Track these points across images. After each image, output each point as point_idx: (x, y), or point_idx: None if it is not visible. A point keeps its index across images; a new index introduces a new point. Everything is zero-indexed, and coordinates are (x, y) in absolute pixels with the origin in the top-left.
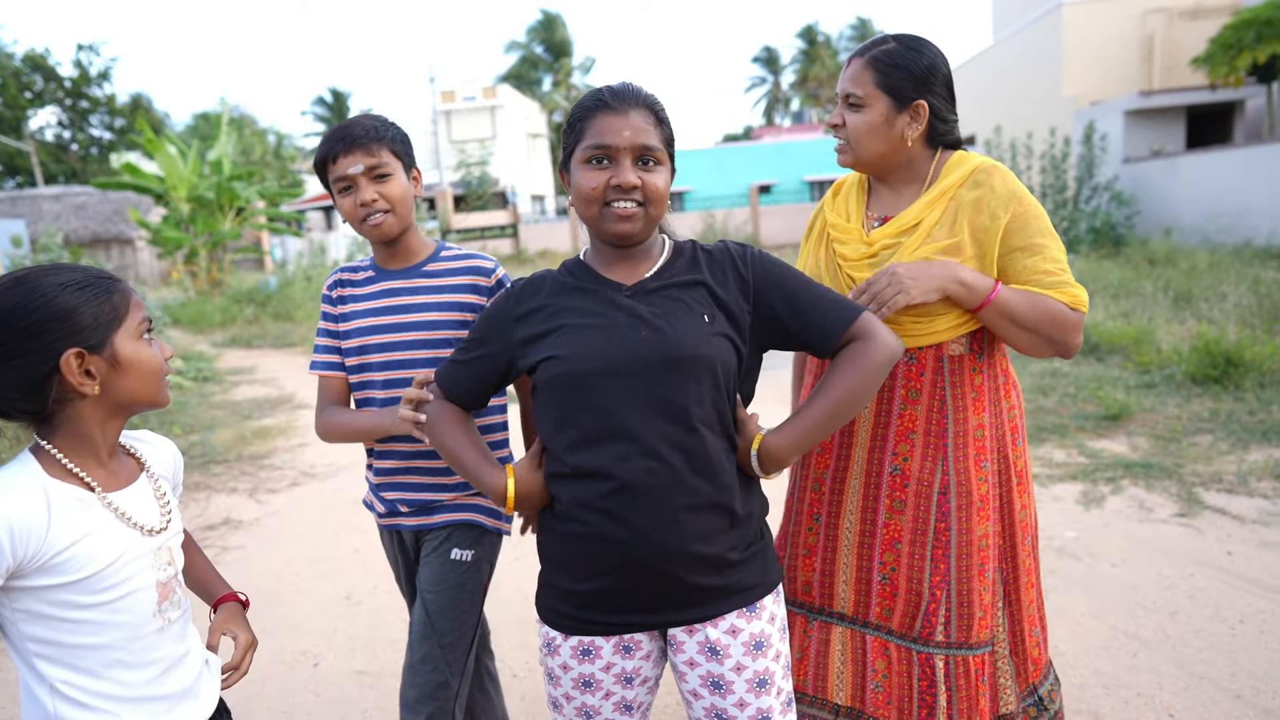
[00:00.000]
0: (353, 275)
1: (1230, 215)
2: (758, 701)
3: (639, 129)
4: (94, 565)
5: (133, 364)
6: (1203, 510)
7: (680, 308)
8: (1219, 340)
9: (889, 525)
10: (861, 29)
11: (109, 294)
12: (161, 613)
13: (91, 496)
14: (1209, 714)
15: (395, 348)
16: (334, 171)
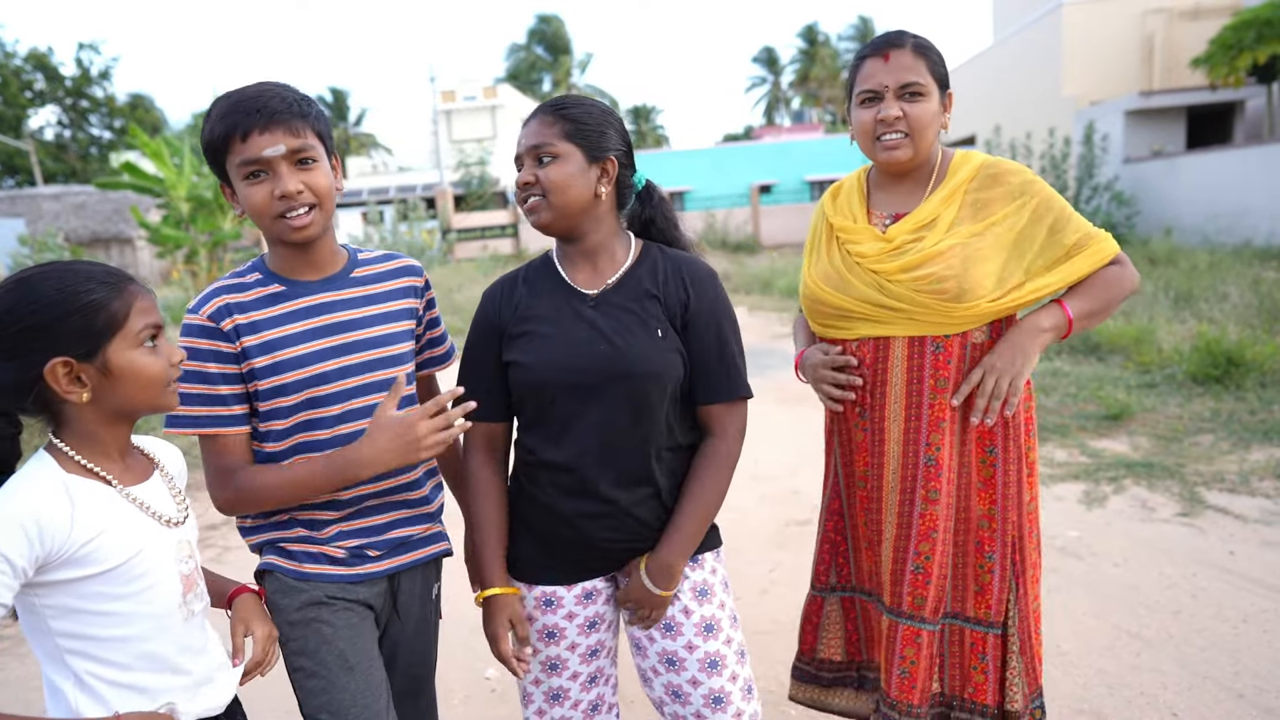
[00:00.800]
0: (240, 296)
1: (1230, 215)
2: (705, 645)
3: (535, 132)
4: (119, 556)
5: (126, 374)
6: (1205, 510)
7: (635, 322)
8: (1220, 340)
9: (925, 516)
10: (863, 28)
11: (108, 301)
12: (186, 604)
13: (110, 490)
14: (1212, 713)
15: (349, 373)
16: (241, 152)
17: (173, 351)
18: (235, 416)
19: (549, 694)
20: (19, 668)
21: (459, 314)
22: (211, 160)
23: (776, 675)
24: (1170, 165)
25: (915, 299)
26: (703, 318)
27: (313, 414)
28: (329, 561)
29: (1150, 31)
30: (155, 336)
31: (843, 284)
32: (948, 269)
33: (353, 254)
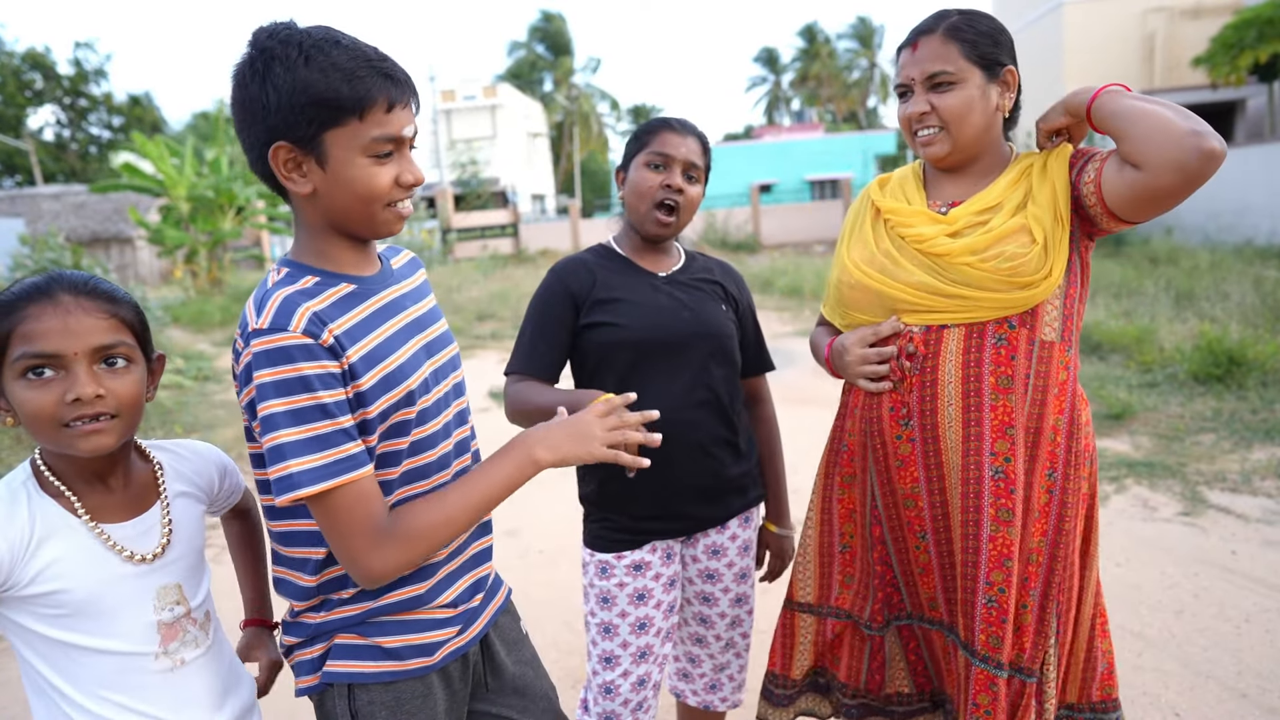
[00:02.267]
0: (320, 302)
1: (1231, 214)
2: (738, 588)
3: (692, 149)
4: (75, 593)
5: (18, 408)
6: (1206, 509)
7: (706, 298)
8: (1222, 339)
9: (995, 540)
10: (862, 28)
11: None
12: (168, 653)
13: (76, 521)
14: (1214, 713)
15: (441, 377)
16: (381, 124)
17: (81, 386)
18: (365, 452)
19: (637, 653)
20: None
21: (459, 313)
22: (327, 119)
23: None
24: None
25: (982, 281)
26: (745, 308)
27: (421, 432)
28: (438, 626)
29: (1151, 30)
30: (40, 369)
31: (892, 268)
32: (1020, 247)
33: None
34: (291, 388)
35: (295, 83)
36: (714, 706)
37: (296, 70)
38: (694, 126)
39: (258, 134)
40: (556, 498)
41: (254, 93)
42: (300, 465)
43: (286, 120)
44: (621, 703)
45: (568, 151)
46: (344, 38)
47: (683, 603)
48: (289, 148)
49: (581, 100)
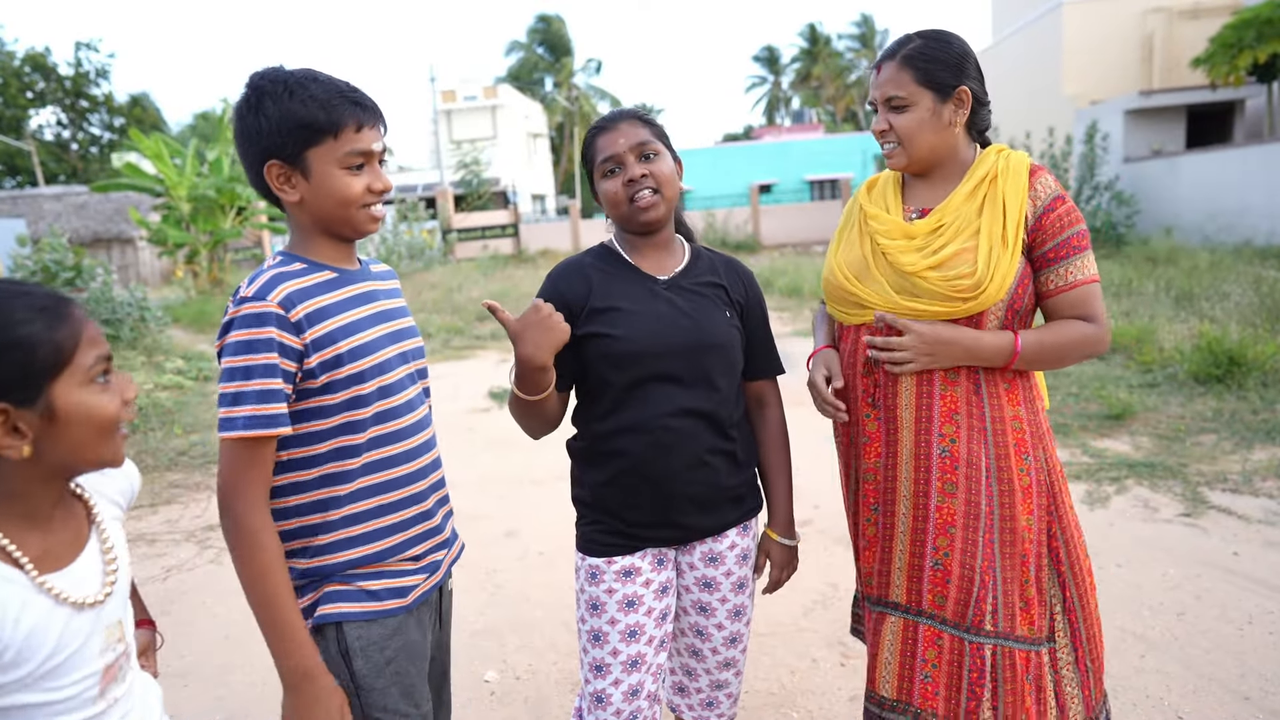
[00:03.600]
0: (302, 282)
1: (1230, 214)
2: (735, 598)
3: (631, 133)
4: (31, 661)
5: (75, 418)
6: (1208, 510)
7: (710, 304)
8: (1222, 339)
9: (941, 509)
10: (864, 26)
11: (51, 331)
12: (105, 696)
13: (24, 580)
14: (1217, 715)
15: (408, 359)
16: (352, 141)
17: (126, 386)
18: (287, 417)
19: (628, 661)
20: None
21: (459, 314)
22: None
23: (778, 678)
24: (1170, 164)
25: (933, 293)
26: (754, 308)
27: (388, 403)
28: (409, 574)
29: (1150, 31)
30: (107, 371)
31: (865, 274)
32: (966, 265)
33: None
34: (256, 346)
35: (282, 112)
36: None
37: (282, 102)
38: (621, 111)
39: (255, 155)
40: (556, 498)
41: (250, 122)
42: (243, 411)
43: (276, 142)
44: (614, 712)
45: (568, 152)
46: (322, 75)
47: (679, 612)
48: (280, 164)
49: (582, 101)
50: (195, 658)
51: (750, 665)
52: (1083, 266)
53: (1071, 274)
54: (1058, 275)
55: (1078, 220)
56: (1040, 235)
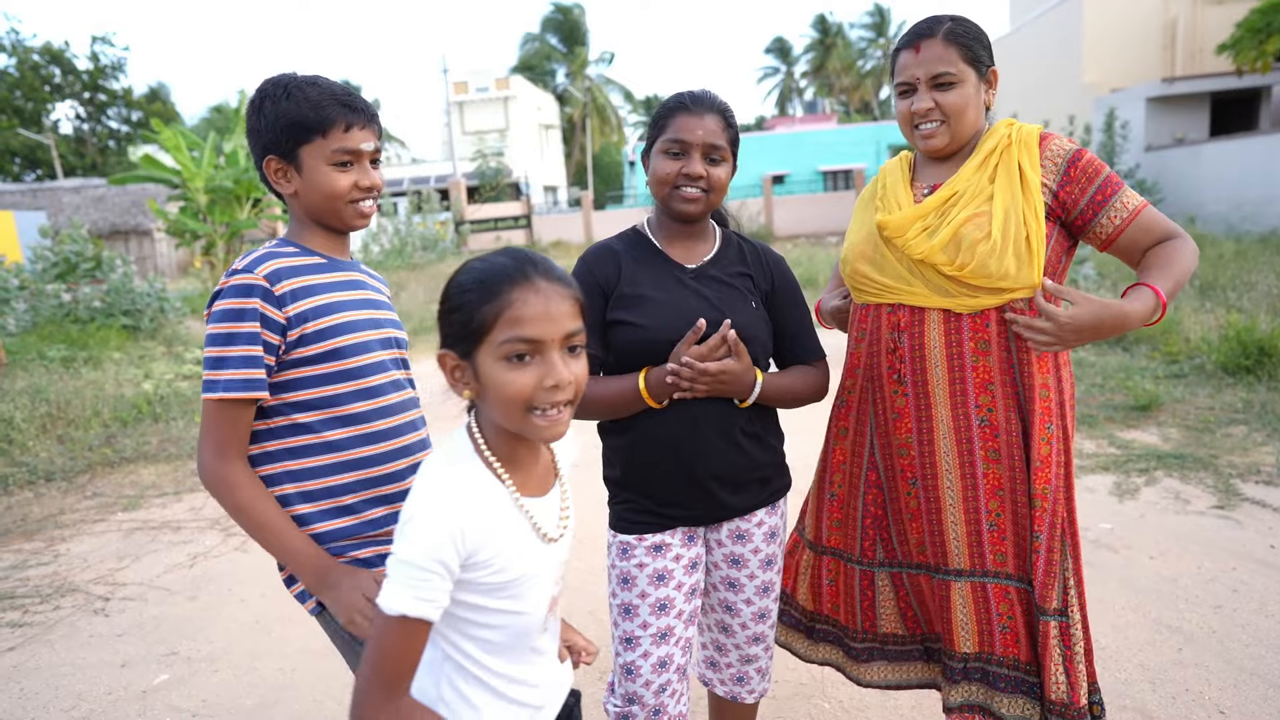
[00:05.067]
0: (290, 261)
1: (1255, 203)
2: (763, 575)
3: (710, 130)
4: (507, 574)
5: (495, 388)
6: (1241, 502)
7: (737, 295)
8: (1251, 329)
9: (989, 475)
10: (877, 16)
11: (481, 305)
12: (546, 627)
13: (508, 499)
14: (1261, 711)
15: (389, 345)
16: (340, 140)
17: (547, 373)
18: (266, 383)
19: (657, 634)
20: (49, 654)
21: None
22: (285, 135)
23: (808, 668)
24: (1193, 153)
25: (952, 288)
26: (787, 295)
27: (366, 382)
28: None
29: (1173, 16)
30: (524, 355)
31: (881, 262)
32: (977, 229)
33: None
34: (242, 315)
35: (278, 112)
36: (740, 698)
37: (280, 104)
38: (712, 101)
39: (257, 151)
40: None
41: (253, 121)
42: (225, 375)
43: (273, 139)
44: (643, 684)
45: (580, 143)
46: (322, 81)
47: (709, 588)
48: (277, 160)
49: (595, 92)
50: (224, 643)
51: (781, 655)
52: (1130, 197)
53: (1127, 206)
54: (1111, 217)
55: (1103, 165)
56: (1073, 190)
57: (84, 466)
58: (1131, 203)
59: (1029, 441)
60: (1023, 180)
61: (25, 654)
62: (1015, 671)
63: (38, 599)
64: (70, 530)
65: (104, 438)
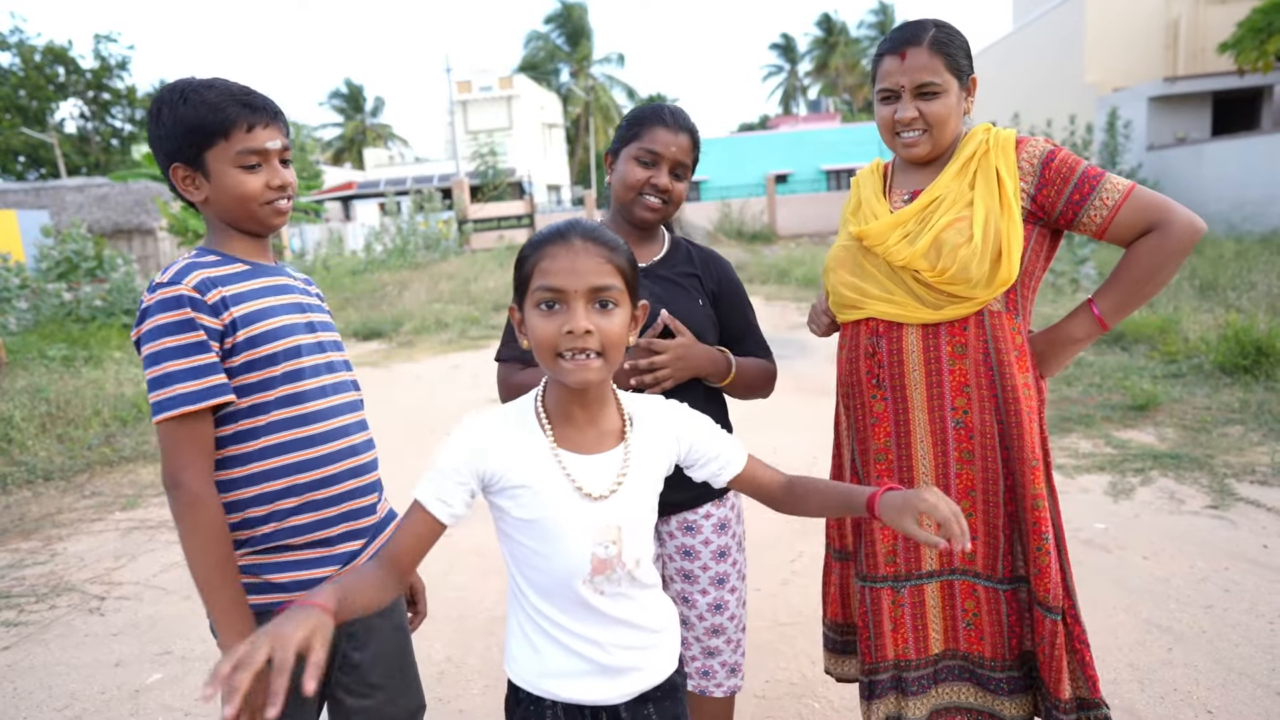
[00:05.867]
0: (216, 271)
1: (1257, 203)
2: (716, 566)
3: (682, 147)
4: (530, 513)
5: (531, 333)
6: (1236, 502)
7: (684, 293)
8: (1249, 329)
9: (961, 475)
10: (883, 15)
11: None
12: (593, 584)
13: (547, 446)
14: (1249, 711)
15: (323, 349)
16: (243, 141)
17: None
18: (227, 387)
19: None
20: (44, 654)
21: (475, 304)
22: (188, 139)
23: (799, 668)
24: (1195, 152)
25: (932, 297)
26: (732, 298)
27: (295, 387)
28: (317, 565)
29: (1175, 16)
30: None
31: (862, 272)
32: (958, 234)
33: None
34: (175, 328)
35: (175, 118)
36: (708, 692)
37: (177, 109)
38: (687, 120)
39: (161, 160)
40: None
41: (154, 130)
42: (182, 389)
43: (175, 146)
44: None
45: (583, 142)
46: (219, 82)
47: (666, 580)
48: (183, 167)
49: (598, 91)
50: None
51: (771, 655)
52: (1113, 189)
53: (1109, 198)
54: (1096, 208)
55: (1078, 162)
56: (1049, 192)
57: (83, 466)
58: (1112, 196)
59: (1007, 443)
60: (1000, 187)
61: (20, 653)
62: (980, 668)
63: (34, 598)
64: (68, 529)
65: (103, 437)
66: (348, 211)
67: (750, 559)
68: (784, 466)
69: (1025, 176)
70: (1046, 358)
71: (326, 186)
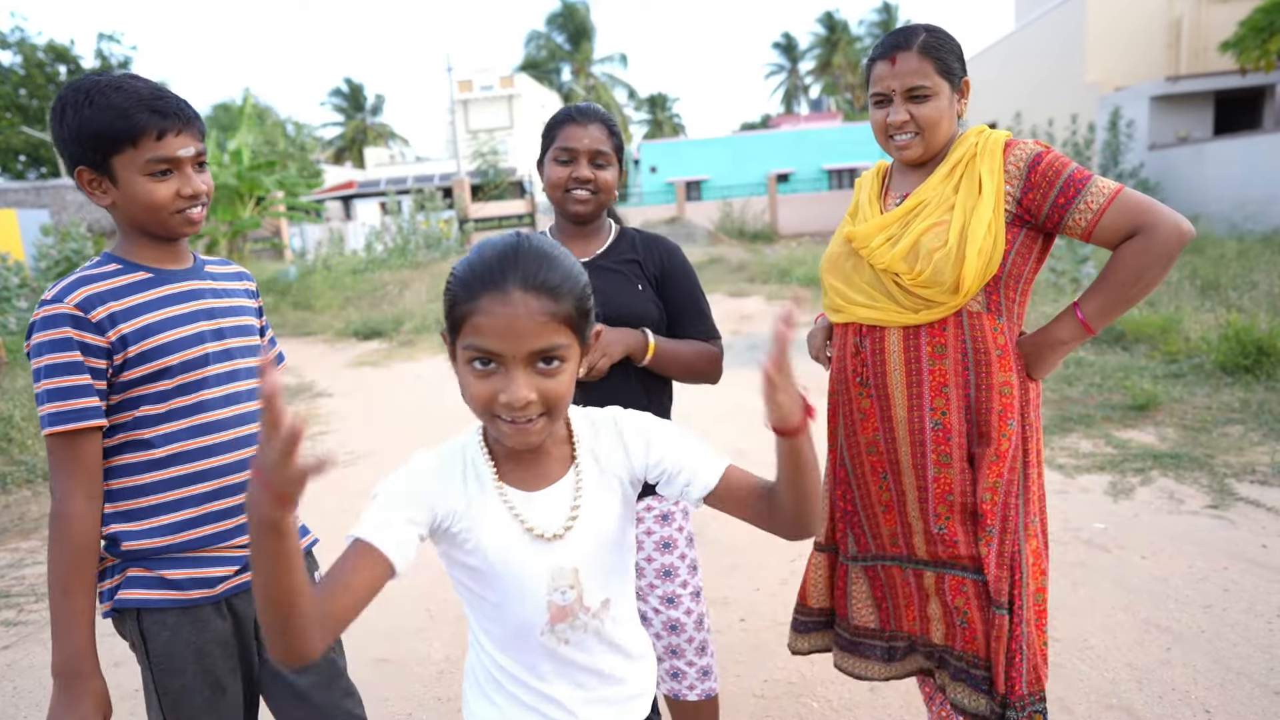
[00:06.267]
0: (106, 285)
1: (1258, 202)
2: (661, 558)
3: (595, 138)
4: (480, 559)
5: (462, 386)
6: (1235, 502)
7: (623, 279)
8: (1250, 329)
9: (939, 480)
10: (886, 14)
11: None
12: (554, 633)
13: (494, 486)
14: (1246, 710)
15: (232, 355)
16: (153, 149)
17: (509, 386)
18: (102, 409)
19: None
20: (43, 654)
21: None
22: (89, 144)
23: (798, 667)
24: (1197, 152)
25: (906, 299)
26: (677, 280)
27: (195, 398)
28: (217, 564)
29: (1177, 15)
30: (489, 360)
31: (851, 276)
32: (935, 239)
33: (195, 254)
34: (55, 347)
35: (80, 121)
36: (681, 695)
37: (82, 112)
38: (595, 111)
39: (66, 162)
40: None
41: (57, 131)
42: (54, 408)
43: (80, 150)
44: None
45: None
46: (127, 83)
47: None
48: (89, 171)
49: (600, 90)
50: None
51: (769, 655)
52: (1099, 190)
53: (1094, 201)
54: (1081, 211)
55: (1068, 162)
56: (1035, 195)
57: None
58: (1097, 200)
59: (983, 441)
60: (981, 191)
61: (19, 652)
62: (975, 668)
63: (33, 598)
64: None
65: None
66: (348, 211)
67: (749, 559)
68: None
69: (1011, 180)
70: (1034, 359)
71: (327, 185)
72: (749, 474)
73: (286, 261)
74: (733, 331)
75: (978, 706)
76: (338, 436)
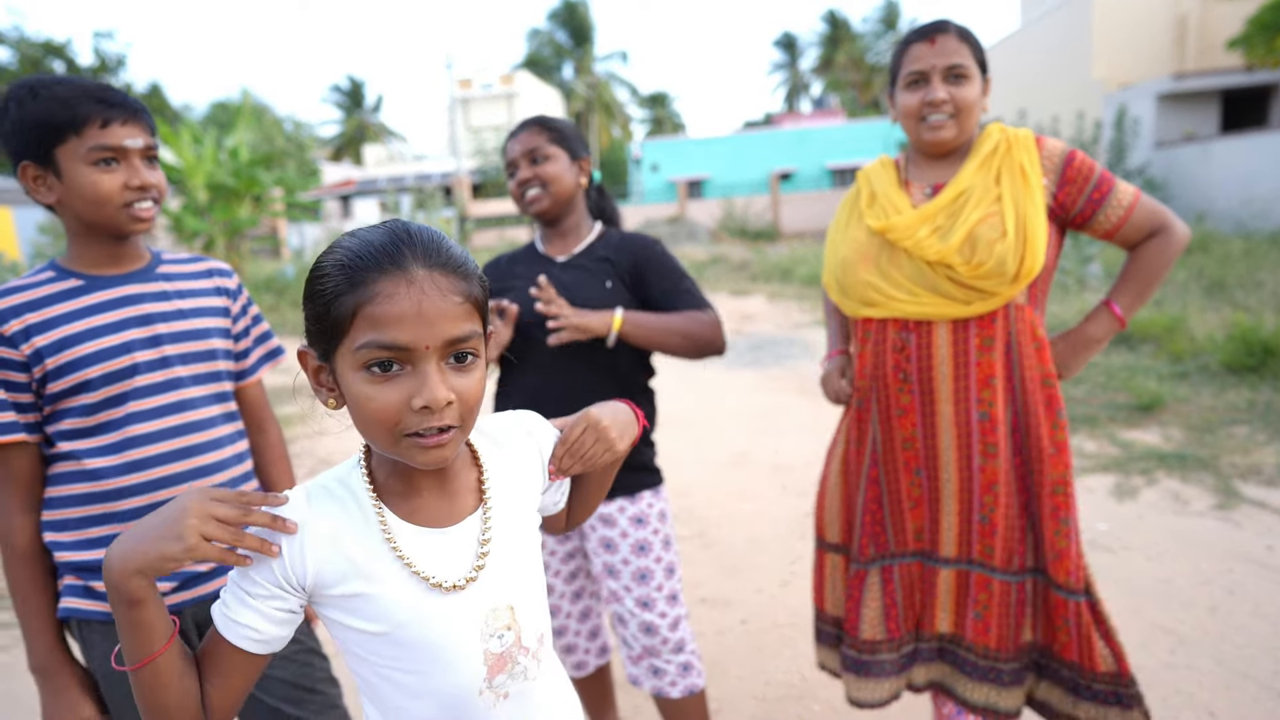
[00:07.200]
0: (30, 295)
1: (1265, 200)
2: (637, 561)
3: (526, 140)
4: (376, 622)
5: (354, 405)
6: (1241, 503)
7: (590, 276)
8: (1256, 328)
9: (985, 469)
10: (888, 11)
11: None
12: (492, 687)
13: (382, 535)
14: (1252, 714)
15: (169, 363)
16: (97, 137)
17: (424, 387)
18: (21, 424)
19: None
20: None
21: None
22: (36, 138)
23: (798, 669)
24: (1203, 150)
25: (956, 292)
26: (654, 270)
27: (120, 411)
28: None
29: (1184, 12)
30: (391, 362)
31: (888, 270)
32: (991, 230)
33: (156, 254)
34: None
35: (24, 114)
36: (664, 693)
37: (25, 105)
38: (524, 121)
39: (10, 159)
40: None
41: (2, 128)
42: None
43: (24, 143)
44: None
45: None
46: (75, 79)
47: (596, 578)
48: (33, 166)
49: (601, 88)
50: None
51: (770, 657)
52: (1124, 192)
53: (1122, 203)
54: (1108, 215)
55: (1094, 164)
56: (1070, 190)
57: None
58: (1125, 199)
59: (1027, 433)
60: (1025, 181)
61: (19, 653)
62: (984, 660)
63: None
64: None
65: None
66: (347, 209)
67: (749, 560)
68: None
69: (1048, 174)
70: (1067, 359)
71: (325, 183)
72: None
73: (284, 260)
74: (735, 331)
75: (993, 702)
76: (335, 438)
